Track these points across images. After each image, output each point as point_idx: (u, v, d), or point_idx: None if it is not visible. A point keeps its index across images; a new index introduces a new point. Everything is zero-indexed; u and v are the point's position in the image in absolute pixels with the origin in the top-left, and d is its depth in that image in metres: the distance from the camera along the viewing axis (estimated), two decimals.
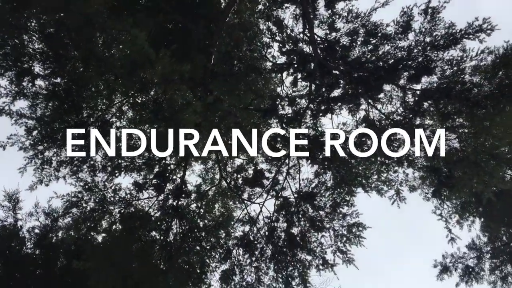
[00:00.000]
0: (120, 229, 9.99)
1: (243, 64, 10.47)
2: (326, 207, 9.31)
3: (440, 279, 14.54)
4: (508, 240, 14.81)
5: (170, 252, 9.87)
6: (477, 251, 14.96)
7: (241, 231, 10.10)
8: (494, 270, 14.68)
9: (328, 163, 9.57)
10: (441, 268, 14.68)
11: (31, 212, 11.09)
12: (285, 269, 9.23)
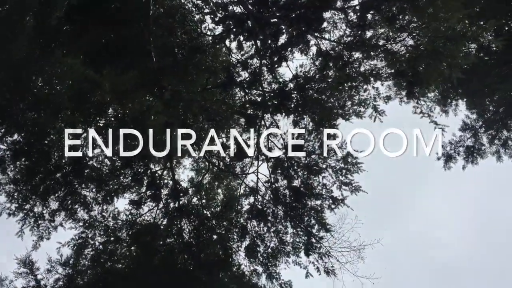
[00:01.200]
0: (136, 250, 10.07)
1: (184, 49, 10.32)
2: (316, 149, 9.40)
3: (447, 169, 14.86)
4: (496, 107, 15.06)
5: (191, 251, 9.98)
6: (471, 130, 15.21)
7: (248, 205, 10.21)
8: (493, 140, 14.97)
9: (301, 108, 9.59)
10: (444, 158, 14.96)
11: (48, 268, 11.09)
12: (301, 221, 9.39)
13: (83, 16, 10.77)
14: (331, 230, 9.12)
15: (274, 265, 9.54)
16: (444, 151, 15.00)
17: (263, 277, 9.64)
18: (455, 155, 15.02)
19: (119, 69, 9.38)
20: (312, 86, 9.72)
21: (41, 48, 10.33)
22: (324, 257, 9.12)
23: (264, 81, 10.33)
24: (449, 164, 14.93)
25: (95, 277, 10.63)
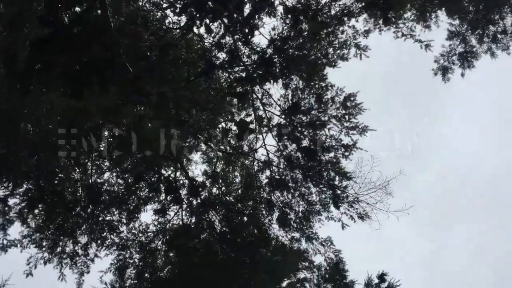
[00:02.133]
0: (174, 255, 10.22)
1: (155, 49, 10.19)
2: (313, 105, 9.35)
3: (446, 81, 14.75)
4: (475, 6, 14.79)
5: (227, 239, 10.08)
6: (458, 36, 14.99)
7: (266, 178, 10.25)
8: (482, 39, 14.76)
9: (286, 70, 9.51)
10: (441, 71, 14.82)
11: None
12: (321, 177, 9.42)
13: (50, 49, 10.70)
14: (352, 177, 9.16)
15: (309, 227, 9.64)
16: (438, 64, 14.84)
17: (302, 242, 9.76)
18: (450, 65, 14.87)
19: (98, 89, 9.34)
20: (290, 44, 9.61)
21: (20, 93, 10.32)
22: (353, 204, 9.19)
23: (243, 55, 10.21)
24: (447, 76, 14.81)
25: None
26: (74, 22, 11.33)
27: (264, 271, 9.44)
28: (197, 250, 10.14)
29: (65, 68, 11.18)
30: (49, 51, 10.76)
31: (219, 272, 9.11)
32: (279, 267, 9.66)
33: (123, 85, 10.46)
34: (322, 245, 9.64)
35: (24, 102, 9.77)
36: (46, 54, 10.79)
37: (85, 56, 11.21)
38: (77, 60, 11.48)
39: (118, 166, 10.68)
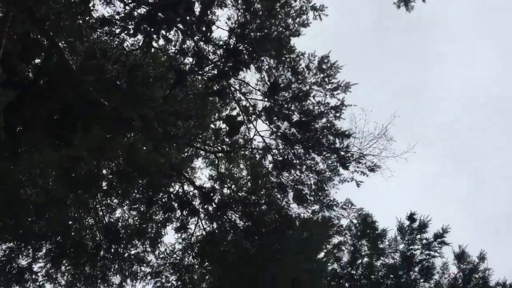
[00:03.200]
0: (209, 265, 10.30)
1: (123, 76, 10.15)
2: (291, 79, 9.33)
3: (410, 10, 14.60)
4: None
5: (252, 232, 10.13)
6: None
7: (269, 163, 10.28)
8: None
9: (254, 53, 9.47)
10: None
11: None
12: (321, 144, 9.42)
13: (24, 108, 10.71)
14: (350, 134, 9.16)
15: (326, 195, 9.68)
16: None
17: (324, 212, 9.80)
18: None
19: (83, 131, 9.36)
20: (250, 28, 9.57)
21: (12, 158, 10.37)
22: (360, 160, 9.22)
23: (209, 54, 10.17)
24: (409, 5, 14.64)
25: None
26: (37, 75, 11.37)
27: (297, 250, 9.48)
28: (228, 252, 10.20)
29: (44, 122, 11.26)
30: (23, 110, 10.81)
31: (255, 266, 9.16)
32: (310, 242, 9.70)
33: (104, 119, 10.53)
34: (344, 209, 9.69)
35: (16, 167, 9.80)
36: (21, 114, 10.85)
37: (58, 103, 11.26)
38: (52, 110, 11.54)
39: (127, 199, 10.71)
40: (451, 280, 11.66)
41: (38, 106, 10.96)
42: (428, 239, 12.01)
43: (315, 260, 10.05)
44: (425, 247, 11.91)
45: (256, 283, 8.99)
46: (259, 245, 9.79)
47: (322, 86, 9.22)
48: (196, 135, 11.51)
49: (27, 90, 11.24)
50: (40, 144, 11.20)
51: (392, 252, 12.87)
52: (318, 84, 9.29)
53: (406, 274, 12.23)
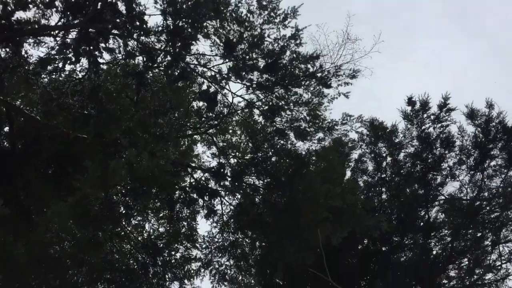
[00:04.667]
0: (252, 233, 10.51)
1: (82, 101, 10.08)
2: (241, 31, 9.18)
3: None
4: None
5: (276, 185, 10.22)
6: None
7: (258, 115, 10.26)
8: None
9: (190, 17, 9.29)
10: None
11: None
12: (296, 76, 9.34)
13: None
14: (318, 55, 9.05)
15: (323, 120, 9.66)
16: None
17: (328, 136, 9.82)
18: None
19: (79, 173, 9.35)
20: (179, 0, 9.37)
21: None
22: (338, 73, 9.15)
23: (153, 44, 10.01)
24: None
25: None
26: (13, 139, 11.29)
27: (322, 181, 9.55)
28: (262, 213, 10.32)
29: (41, 178, 11.32)
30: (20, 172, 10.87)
31: (291, 214, 9.28)
32: (331, 169, 9.75)
33: (91, 152, 10.50)
34: (344, 124, 9.71)
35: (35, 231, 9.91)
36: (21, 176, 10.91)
37: (44, 156, 11.27)
38: (42, 165, 11.55)
39: (148, 212, 10.84)
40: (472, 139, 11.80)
41: (29, 166, 11.00)
42: (434, 113, 12.11)
43: (342, 183, 10.11)
44: (435, 122, 12.03)
45: (298, 229, 9.12)
46: (286, 194, 9.86)
47: (271, 22, 9.06)
48: (182, 124, 11.48)
49: (11, 156, 11.29)
50: (47, 201, 11.28)
51: (409, 142, 13.03)
52: (266, 22, 9.12)
53: (430, 153, 12.41)
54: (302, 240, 9.36)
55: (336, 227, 9.57)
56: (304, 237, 9.12)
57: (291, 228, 9.44)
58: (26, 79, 9.81)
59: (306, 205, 9.14)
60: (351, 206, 9.58)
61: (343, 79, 9.14)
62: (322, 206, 8.95)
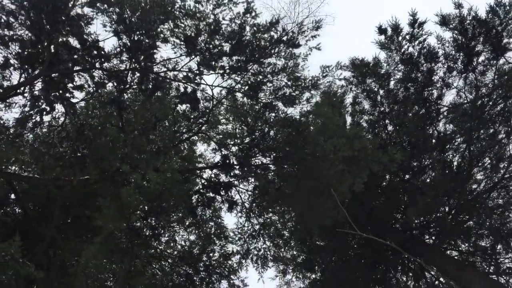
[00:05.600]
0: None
1: (69, 148, 10.06)
2: (196, 25, 9.07)
3: None
4: None
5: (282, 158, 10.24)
6: None
7: (242, 97, 10.19)
8: None
9: (142, 26, 9.18)
10: None
11: None
12: (264, 47, 9.23)
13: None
14: (277, 20, 8.91)
15: (304, 80, 9.56)
16: None
17: (314, 91, 9.77)
18: None
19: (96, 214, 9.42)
20: (126, 17, 9.25)
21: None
22: (301, 29, 9.00)
23: (117, 66, 9.94)
24: None
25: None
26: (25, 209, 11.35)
27: (325, 137, 9.54)
28: (280, 187, 10.37)
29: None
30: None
31: (306, 184, 9.33)
32: (329, 122, 9.71)
33: (99, 190, 10.56)
34: (325, 76, 9.60)
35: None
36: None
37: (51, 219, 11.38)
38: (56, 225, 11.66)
39: (170, 223, 10.94)
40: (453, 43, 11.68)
41: (47, 225, 11.12)
42: (408, 32, 11.99)
43: (345, 132, 10.10)
44: (412, 40, 11.93)
45: (318, 190, 9.17)
46: (296, 161, 9.87)
47: (221, 5, 8.93)
48: (175, 132, 11.46)
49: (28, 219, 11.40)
50: (76, 250, 11.41)
51: (395, 68, 12.97)
52: (217, 6, 9.00)
53: (418, 71, 12.35)
54: (327, 199, 9.42)
55: (354, 175, 9.63)
56: (327, 195, 9.17)
57: (311, 191, 9.49)
58: (11, 144, 9.80)
59: (318, 165, 9.16)
60: (362, 150, 9.59)
61: (309, 33, 9.02)
62: (334, 160, 8.97)
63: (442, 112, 12.93)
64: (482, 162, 12.50)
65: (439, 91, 12.70)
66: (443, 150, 12.74)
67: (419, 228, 13.48)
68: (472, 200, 12.25)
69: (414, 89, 12.77)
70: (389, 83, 13.16)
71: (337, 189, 9.21)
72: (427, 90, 12.67)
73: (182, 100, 10.13)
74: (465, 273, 10.67)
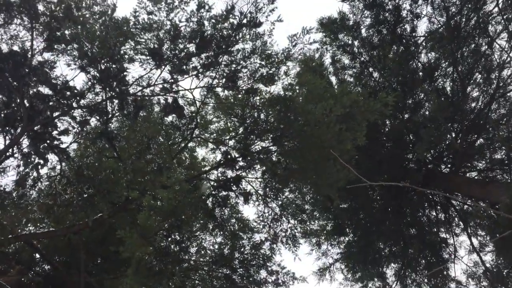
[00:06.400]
0: None
1: (74, 192, 10.07)
2: (156, 33, 9.00)
3: None
4: None
5: (279, 137, 10.22)
6: None
7: (222, 90, 10.15)
8: None
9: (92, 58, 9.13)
10: None
11: None
12: (228, 36, 9.15)
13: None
14: (233, 4, 8.81)
15: (275, 55, 9.45)
16: None
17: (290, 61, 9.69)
18: None
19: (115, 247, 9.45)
20: (90, 57, 9.19)
21: None
22: (258, 7, 8.90)
23: (94, 100, 9.90)
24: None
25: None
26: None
27: (314, 103, 9.49)
28: (286, 164, 10.37)
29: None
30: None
31: (307, 152, 9.32)
32: (314, 88, 9.62)
33: (118, 222, 10.60)
34: (295, 45, 9.47)
35: None
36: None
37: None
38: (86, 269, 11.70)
39: (193, 233, 11.00)
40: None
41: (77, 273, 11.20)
42: None
43: (333, 92, 10.02)
44: None
45: (324, 154, 9.15)
46: (293, 136, 9.84)
47: (173, 8, 8.84)
48: (170, 145, 11.45)
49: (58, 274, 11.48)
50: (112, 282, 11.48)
51: (361, 16, 12.89)
52: (170, 11, 8.91)
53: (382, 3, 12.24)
54: (333, 162, 9.41)
55: (354, 130, 9.59)
56: (332, 158, 9.17)
57: (316, 159, 9.48)
58: (18, 207, 9.84)
59: (315, 132, 9.13)
60: (353, 105, 9.55)
61: (266, 8, 8.92)
62: (328, 123, 8.94)
63: (421, 43, 12.84)
64: (473, 79, 12.44)
65: (411, 24, 12.61)
66: (432, 79, 12.69)
67: (433, 161, 13.48)
68: (475, 118, 12.23)
69: (387, 30, 12.69)
70: (360, 32, 13.08)
71: (341, 149, 9.21)
72: (399, 27, 12.58)
73: (166, 112, 10.11)
74: (489, 189, 10.67)
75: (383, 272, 14.59)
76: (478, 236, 13.34)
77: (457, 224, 13.89)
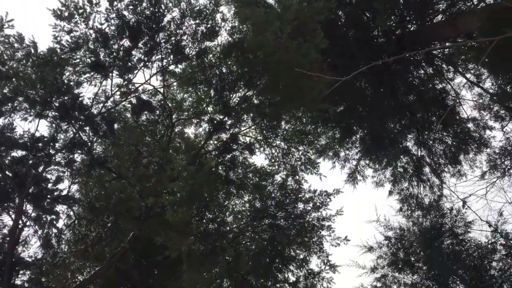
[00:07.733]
0: None
1: (104, 224, 10.12)
2: None
3: None
4: None
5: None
6: None
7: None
8: None
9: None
10: None
11: None
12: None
13: None
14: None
15: (206, 8, 9.22)
16: None
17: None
18: None
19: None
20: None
21: None
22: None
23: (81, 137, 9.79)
24: None
25: None
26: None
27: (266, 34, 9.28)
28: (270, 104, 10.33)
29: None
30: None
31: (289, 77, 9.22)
32: (264, 24, 9.31)
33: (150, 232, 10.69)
34: None
35: None
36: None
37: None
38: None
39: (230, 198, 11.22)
40: None
41: None
42: None
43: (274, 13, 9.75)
44: None
45: (295, 79, 9.06)
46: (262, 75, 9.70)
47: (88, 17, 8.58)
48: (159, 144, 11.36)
49: None
50: None
51: None
52: (85, 20, 8.64)
53: None
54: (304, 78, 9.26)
55: (310, 36, 9.39)
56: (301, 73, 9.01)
57: (289, 81, 9.38)
58: (56, 266, 10.00)
59: (277, 57, 9.00)
60: (298, 15, 9.28)
61: None
62: (283, 44, 8.80)
63: None
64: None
65: None
66: None
67: (399, 25, 13.25)
68: None
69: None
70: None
71: (309, 61, 9.08)
72: None
73: (137, 113, 10.00)
74: (458, 23, 10.65)
75: (405, 147, 14.82)
76: (471, 70, 13.42)
77: (447, 69, 13.93)
